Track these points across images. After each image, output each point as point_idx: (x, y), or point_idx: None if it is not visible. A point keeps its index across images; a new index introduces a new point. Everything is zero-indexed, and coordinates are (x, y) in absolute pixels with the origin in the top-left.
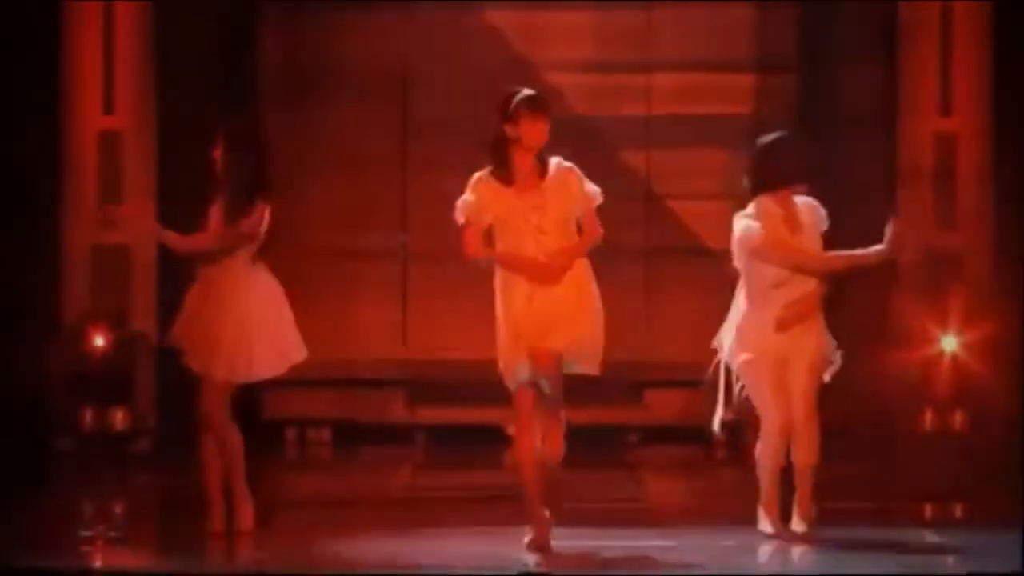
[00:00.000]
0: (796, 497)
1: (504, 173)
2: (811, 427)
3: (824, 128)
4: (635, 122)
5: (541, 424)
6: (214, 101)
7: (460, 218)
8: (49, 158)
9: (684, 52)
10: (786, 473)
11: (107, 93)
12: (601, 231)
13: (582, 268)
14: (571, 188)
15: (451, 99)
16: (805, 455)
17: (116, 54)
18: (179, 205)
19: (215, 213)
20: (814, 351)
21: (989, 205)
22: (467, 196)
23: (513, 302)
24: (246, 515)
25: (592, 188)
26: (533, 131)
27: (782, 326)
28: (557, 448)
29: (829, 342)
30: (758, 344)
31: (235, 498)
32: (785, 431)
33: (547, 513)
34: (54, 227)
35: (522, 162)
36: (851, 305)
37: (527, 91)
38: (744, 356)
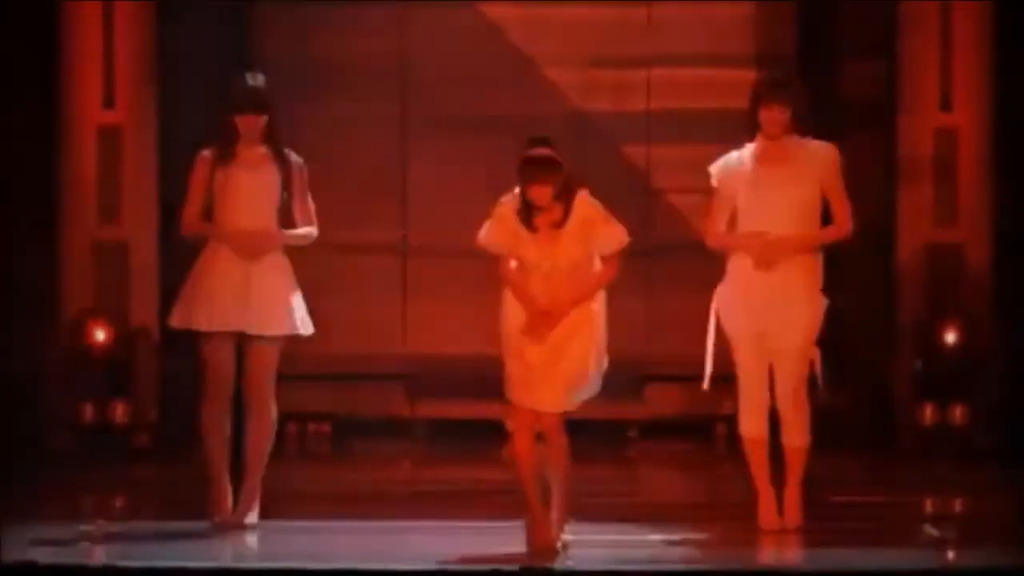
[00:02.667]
0: (786, 487)
1: (527, 220)
2: (800, 407)
3: (824, 123)
4: (635, 117)
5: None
6: (214, 96)
7: (491, 250)
8: (49, 152)
9: (684, 47)
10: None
11: (107, 87)
12: (615, 272)
13: (593, 309)
14: (593, 230)
15: (450, 94)
16: (795, 437)
17: (116, 48)
18: (179, 200)
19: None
20: (806, 322)
21: (990, 200)
22: (492, 228)
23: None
24: (252, 510)
25: (616, 231)
26: (535, 194)
27: (760, 262)
28: (561, 455)
29: (820, 314)
30: (741, 297)
31: (246, 490)
32: (760, 389)
33: (549, 511)
34: (54, 221)
35: (542, 213)
36: (849, 300)
37: (532, 153)
38: (723, 306)
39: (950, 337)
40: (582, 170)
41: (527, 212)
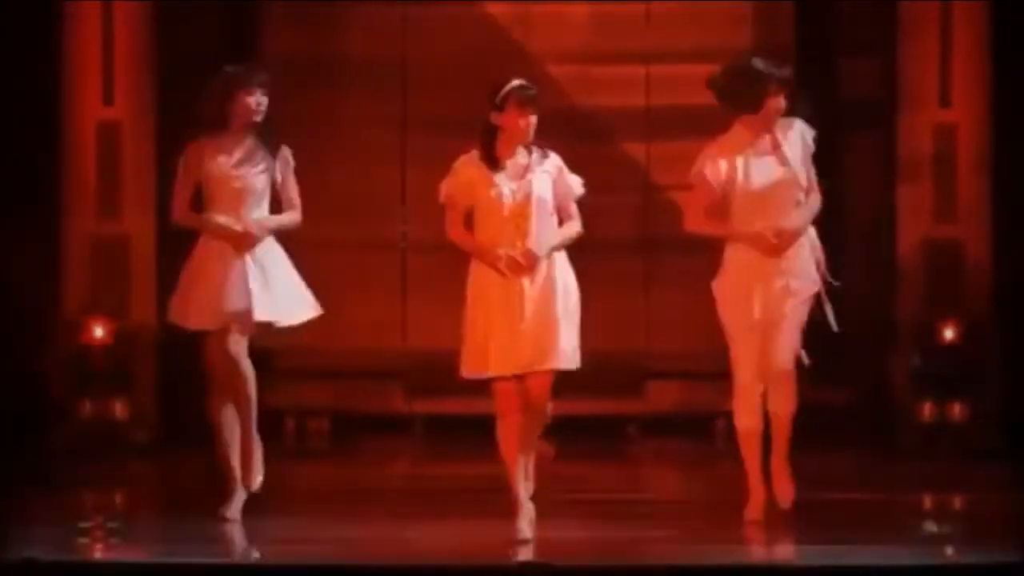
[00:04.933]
0: (772, 460)
1: (490, 160)
2: (790, 376)
3: (823, 119)
4: (634, 113)
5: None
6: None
7: (442, 198)
8: (48, 149)
9: (683, 42)
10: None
11: (107, 83)
12: (579, 226)
13: (559, 265)
14: (552, 177)
15: (450, 91)
16: (782, 403)
17: (116, 44)
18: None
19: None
20: (801, 294)
21: (989, 196)
22: (450, 177)
23: (491, 301)
24: (258, 473)
25: (574, 179)
26: (520, 124)
27: (764, 247)
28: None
29: (814, 286)
30: (743, 288)
31: (244, 453)
32: (755, 380)
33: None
34: (53, 218)
35: (506, 151)
36: (848, 296)
37: (518, 81)
38: (722, 298)
39: (949, 333)
40: (582, 167)
41: (490, 155)
